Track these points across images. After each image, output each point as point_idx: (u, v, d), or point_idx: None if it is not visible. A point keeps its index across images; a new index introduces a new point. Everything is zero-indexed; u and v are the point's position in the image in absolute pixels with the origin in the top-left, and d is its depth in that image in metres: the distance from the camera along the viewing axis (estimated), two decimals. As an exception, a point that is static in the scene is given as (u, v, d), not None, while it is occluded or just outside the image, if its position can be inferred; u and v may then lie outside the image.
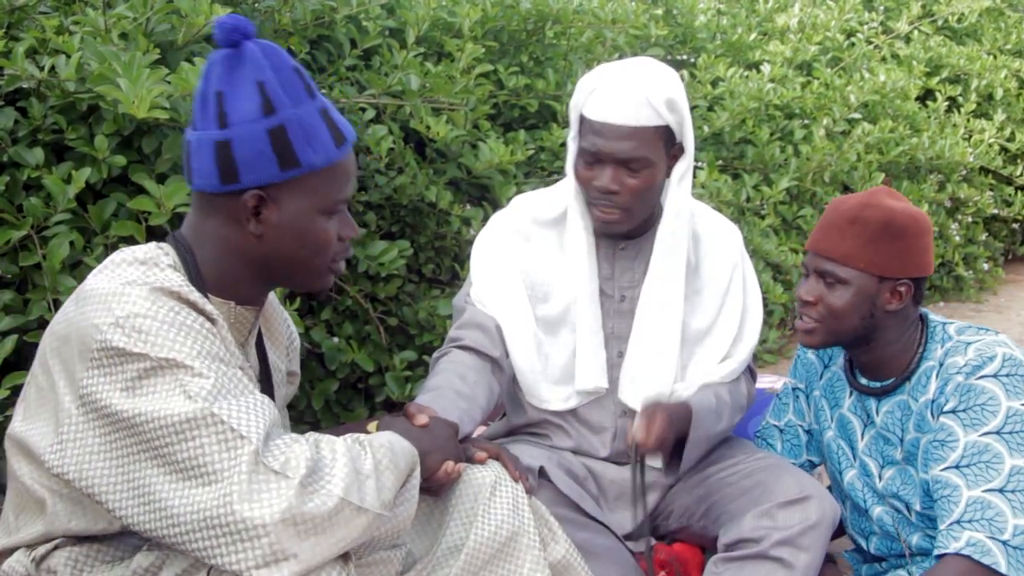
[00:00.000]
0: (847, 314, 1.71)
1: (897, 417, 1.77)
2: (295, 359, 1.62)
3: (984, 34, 6.09)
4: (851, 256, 1.68)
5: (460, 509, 1.47)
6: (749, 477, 1.80)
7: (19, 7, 2.23)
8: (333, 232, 1.34)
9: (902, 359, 1.76)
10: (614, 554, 1.73)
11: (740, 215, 3.82)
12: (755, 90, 3.87)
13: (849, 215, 1.69)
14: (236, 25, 1.25)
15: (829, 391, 1.91)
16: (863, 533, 1.88)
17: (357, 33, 2.81)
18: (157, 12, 2.17)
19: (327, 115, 1.31)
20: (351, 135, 1.34)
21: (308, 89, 1.30)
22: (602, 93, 1.74)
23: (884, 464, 1.79)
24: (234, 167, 1.25)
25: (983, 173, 5.59)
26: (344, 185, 1.33)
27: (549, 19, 3.33)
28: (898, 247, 1.68)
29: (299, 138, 1.26)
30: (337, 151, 1.30)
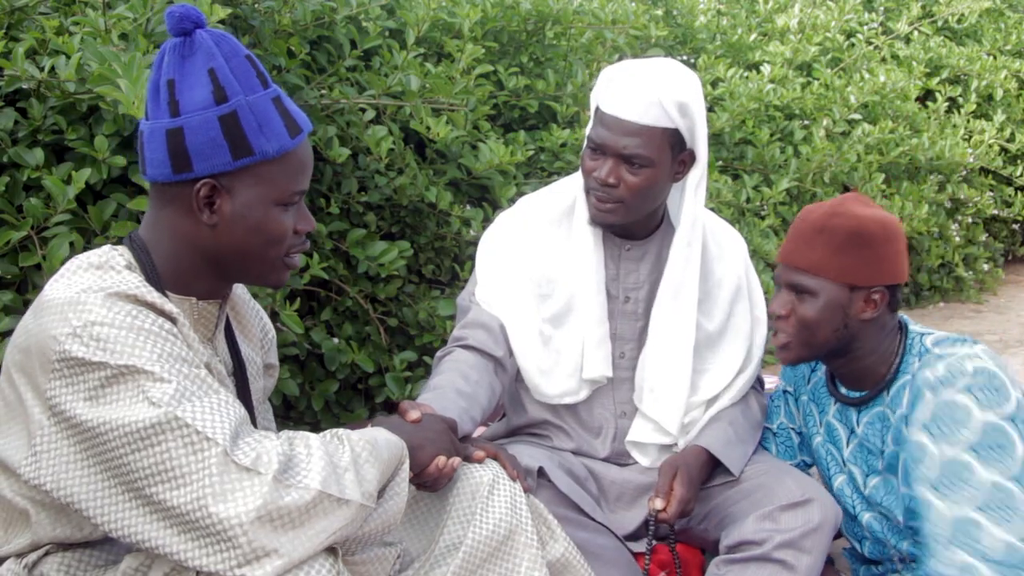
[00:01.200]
0: (820, 326, 1.67)
1: (877, 428, 1.74)
2: (272, 352, 1.61)
3: (984, 35, 6.09)
4: (820, 266, 1.65)
5: (458, 507, 1.47)
6: (751, 480, 1.80)
7: (19, 8, 2.23)
8: (288, 224, 1.32)
9: (880, 369, 1.73)
10: (614, 554, 1.73)
11: (740, 216, 3.82)
12: (755, 91, 3.87)
13: (816, 224, 1.66)
14: (186, 13, 1.24)
15: (816, 397, 1.89)
16: (856, 537, 1.88)
17: (357, 34, 2.81)
18: (157, 12, 2.17)
19: (280, 104, 1.30)
20: (306, 126, 1.33)
21: (261, 77, 1.29)
22: (617, 86, 1.75)
23: (868, 473, 1.78)
24: (186, 156, 1.24)
25: (983, 174, 5.60)
26: (299, 176, 1.32)
27: (549, 20, 3.33)
28: (868, 255, 1.65)
29: (251, 125, 1.26)
30: (291, 140, 1.29)
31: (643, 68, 1.77)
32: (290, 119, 1.30)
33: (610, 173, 1.75)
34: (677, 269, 1.86)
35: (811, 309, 1.67)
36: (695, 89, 1.77)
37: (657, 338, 1.86)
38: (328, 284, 2.78)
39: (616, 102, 1.73)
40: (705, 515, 1.84)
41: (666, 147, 1.75)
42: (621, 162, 1.74)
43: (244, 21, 2.50)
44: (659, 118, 1.72)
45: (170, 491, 1.13)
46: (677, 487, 1.73)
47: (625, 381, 1.89)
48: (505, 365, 1.83)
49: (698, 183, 1.84)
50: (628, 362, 1.89)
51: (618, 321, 1.89)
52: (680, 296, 1.86)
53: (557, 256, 1.88)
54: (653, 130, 1.72)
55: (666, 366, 1.85)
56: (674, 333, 1.85)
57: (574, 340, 1.85)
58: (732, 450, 1.82)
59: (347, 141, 2.72)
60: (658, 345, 1.86)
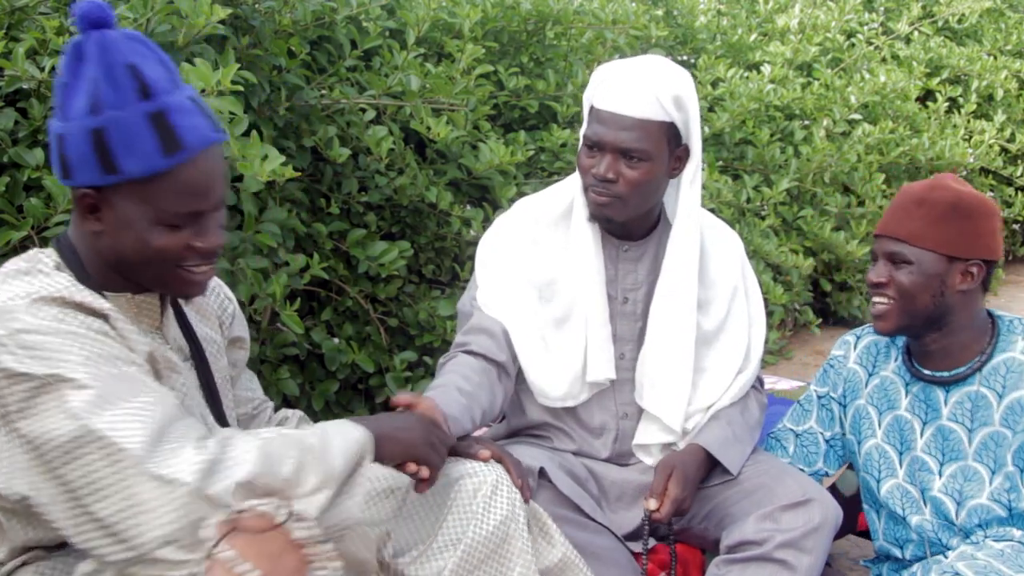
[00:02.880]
0: (918, 294, 1.71)
1: (967, 408, 1.75)
2: (237, 325, 1.58)
3: (984, 35, 6.09)
4: (919, 236, 1.69)
5: (459, 504, 1.47)
6: (751, 479, 1.80)
7: (19, 8, 2.23)
8: (175, 242, 1.26)
9: (974, 347, 1.76)
10: (614, 554, 1.73)
11: (740, 216, 3.82)
12: (755, 91, 3.87)
13: (916, 196, 1.71)
14: (85, 13, 1.19)
15: (880, 396, 1.88)
16: (898, 542, 1.87)
17: (357, 34, 2.81)
18: (157, 13, 2.17)
19: (161, 120, 1.20)
20: (196, 143, 1.23)
21: (143, 90, 1.20)
22: (611, 83, 1.76)
23: (945, 460, 1.78)
24: (68, 164, 1.22)
25: (983, 174, 5.60)
26: (184, 198, 1.24)
27: (549, 20, 3.33)
28: (966, 227, 1.69)
29: (118, 143, 1.19)
30: (163, 160, 1.21)
31: (637, 65, 1.78)
32: (171, 137, 1.21)
33: (609, 168, 1.75)
34: (675, 262, 1.86)
35: (909, 277, 1.71)
36: (689, 84, 1.79)
37: (656, 333, 1.86)
38: (328, 284, 2.78)
39: (612, 98, 1.74)
40: (705, 515, 1.84)
41: (663, 141, 1.76)
42: (619, 157, 1.75)
43: (244, 21, 2.50)
44: (656, 112, 1.73)
45: (97, 503, 1.12)
46: (672, 487, 1.73)
47: (626, 382, 1.89)
48: (508, 370, 1.83)
49: (693, 178, 1.85)
50: (628, 363, 1.89)
51: (617, 322, 1.89)
52: (678, 289, 1.86)
53: (557, 259, 1.88)
54: (650, 123, 1.73)
55: (666, 360, 1.85)
56: (673, 327, 1.86)
57: (576, 343, 1.85)
58: (730, 449, 1.82)
59: (347, 141, 2.72)
60: (657, 340, 1.86)
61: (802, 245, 4.08)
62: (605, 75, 1.78)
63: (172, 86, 1.23)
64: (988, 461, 1.74)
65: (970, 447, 1.75)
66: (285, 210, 2.49)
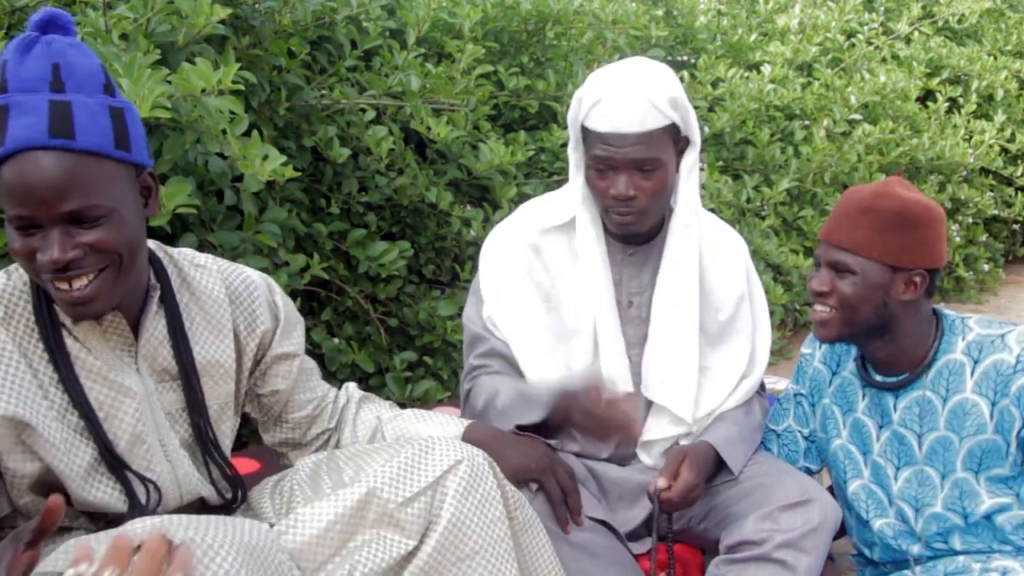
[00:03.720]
0: (861, 304, 1.69)
1: (915, 413, 1.75)
2: (281, 342, 1.55)
3: (984, 35, 6.09)
4: (863, 245, 1.67)
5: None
6: (751, 480, 1.80)
7: (19, 7, 2.23)
8: (21, 246, 1.22)
9: (917, 352, 1.75)
10: (615, 554, 1.73)
11: (740, 216, 3.82)
12: (755, 91, 3.87)
13: (862, 204, 1.68)
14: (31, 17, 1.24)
15: (841, 397, 1.89)
16: (866, 543, 1.88)
17: (357, 34, 2.81)
18: (158, 13, 2.17)
19: (1, 114, 1.19)
20: (12, 142, 1.18)
21: (2, 83, 1.20)
22: (606, 104, 1.73)
23: (900, 465, 1.78)
24: None
25: (983, 174, 5.60)
26: (6, 199, 1.20)
27: (549, 20, 3.33)
28: (911, 237, 1.66)
29: None
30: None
31: (623, 78, 1.75)
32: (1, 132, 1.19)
33: (628, 185, 1.74)
34: (675, 247, 1.86)
35: (852, 287, 1.69)
36: (674, 79, 1.79)
37: (660, 323, 1.86)
38: (328, 284, 2.78)
39: (612, 118, 1.72)
40: (705, 515, 1.84)
41: (668, 142, 1.77)
42: (634, 171, 1.74)
43: (244, 21, 2.50)
44: (657, 119, 1.73)
45: None
46: (685, 471, 1.72)
47: (636, 385, 1.89)
48: None
49: (691, 167, 1.84)
50: (635, 366, 1.90)
51: (624, 326, 1.89)
52: (680, 276, 1.86)
53: (563, 270, 1.88)
54: (655, 132, 1.73)
55: (672, 350, 1.85)
56: (675, 319, 1.86)
57: (584, 355, 1.86)
58: (735, 448, 1.82)
59: (347, 141, 2.72)
60: (661, 330, 1.86)
61: (802, 245, 4.08)
62: (595, 95, 1.75)
63: (41, 85, 1.20)
64: (938, 465, 1.73)
65: (920, 452, 1.75)
66: (285, 210, 2.49)
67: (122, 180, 1.26)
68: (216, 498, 1.50)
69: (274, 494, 1.50)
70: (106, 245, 1.23)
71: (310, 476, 1.48)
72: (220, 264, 1.52)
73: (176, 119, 2.05)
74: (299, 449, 1.66)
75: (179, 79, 1.99)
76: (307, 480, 1.47)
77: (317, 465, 1.50)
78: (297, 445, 1.65)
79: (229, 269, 1.53)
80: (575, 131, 1.82)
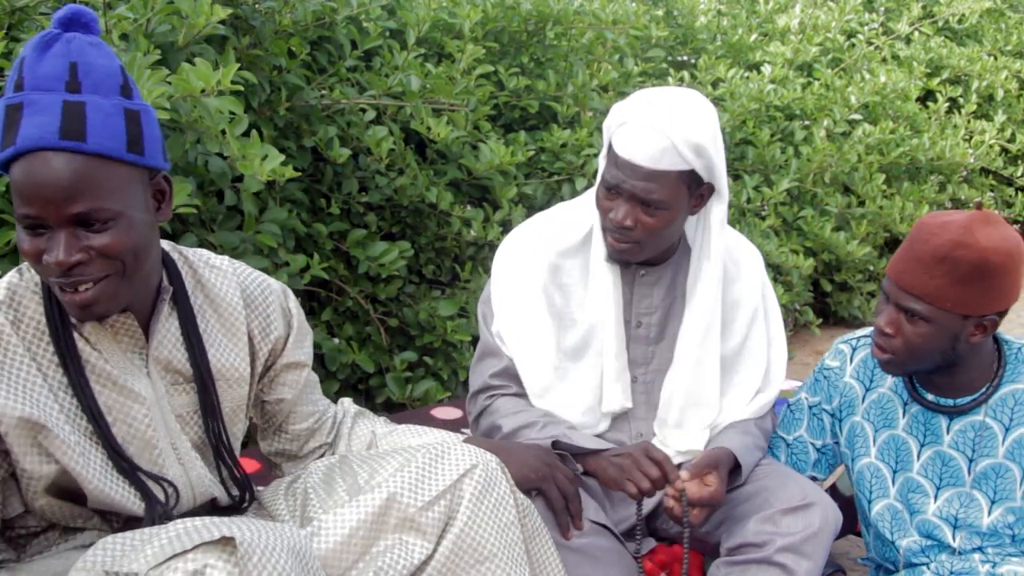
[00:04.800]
0: (928, 350, 1.63)
1: (970, 437, 1.71)
2: (292, 351, 1.55)
3: (985, 35, 6.09)
4: (937, 296, 1.58)
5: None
6: (753, 483, 1.80)
7: (19, 8, 2.23)
8: (30, 247, 1.21)
9: (979, 380, 1.70)
10: (615, 556, 1.73)
11: (741, 216, 3.82)
12: (756, 91, 3.87)
13: (938, 253, 1.57)
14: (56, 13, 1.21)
15: (876, 413, 1.83)
16: (887, 560, 1.85)
17: (358, 34, 2.81)
18: (158, 13, 2.17)
19: (15, 112, 1.18)
20: (24, 141, 1.17)
21: (16, 80, 1.19)
22: (630, 128, 1.69)
23: (942, 486, 1.74)
24: None
25: (984, 174, 5.60)
26: (16, 198, 1.19)
27: (550, 20, 3.33)
28: (989, 286, 1.58)
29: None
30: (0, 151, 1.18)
31: (657, 107, 1.69)
32: (11, 131, 1.18)
33: (627, 216, 1.72)
34: (707, 307, 1.84)
35: (921, 334, 1.62)
36: (710, 127, 1.70)
37: (683, 374, 1.85)
38: (328, 284, 2.78)
39: (630, 147, 1.68)
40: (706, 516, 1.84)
41: (682, 188, 1.72)
42: (637, 204, 1.71)
43: (244, 21, 2.50)
44: (674, 162, 1.67)
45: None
46: (715, 482, 1.69)
47: (640, 405, 1.89)
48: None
49: (722, 220, 1.81)
50: (641, 386, 1.90)
51: (630, 346, 1.88)
52: (709, 334, 1.85)
53: (575, 288, 1.87)
54: (668, 174, 1.68)
55: (691, 393, 1.85)
56: (702, 370, 1.85)
57: (591, 373, 1.86)
58: (750, 455, 1.82)
59: (348, 141, 2.72)
60: (684, 381, 1.85)
61: (802, 245, 4.08)
62: (625, 115, 1.71)
63: (57, 84, 1.19)
64: (988, 490, 1.70)
65: (969, 475, 1.72)
66: (285, 210, 2.49)
67: (133, 183, 1.24)
68: (227, 499, 1.50)
69: (287, 496, 1.50)
70: (111, 250, 1.22)
71: (324, 479, 1.48)
72: (236, 267, 1.50)
73: (176, 119, 2.05)
74: (294, 461, 1.65)
75: (179, 79, 1.99)
76: (321, 483, 1.47)
77: (330, 469, 1.50)
78: (293, 457, 1.65)
79: (245, 272, 1.51)
80: (605, 145, 1.79)
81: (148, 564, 1.11)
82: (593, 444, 1.76)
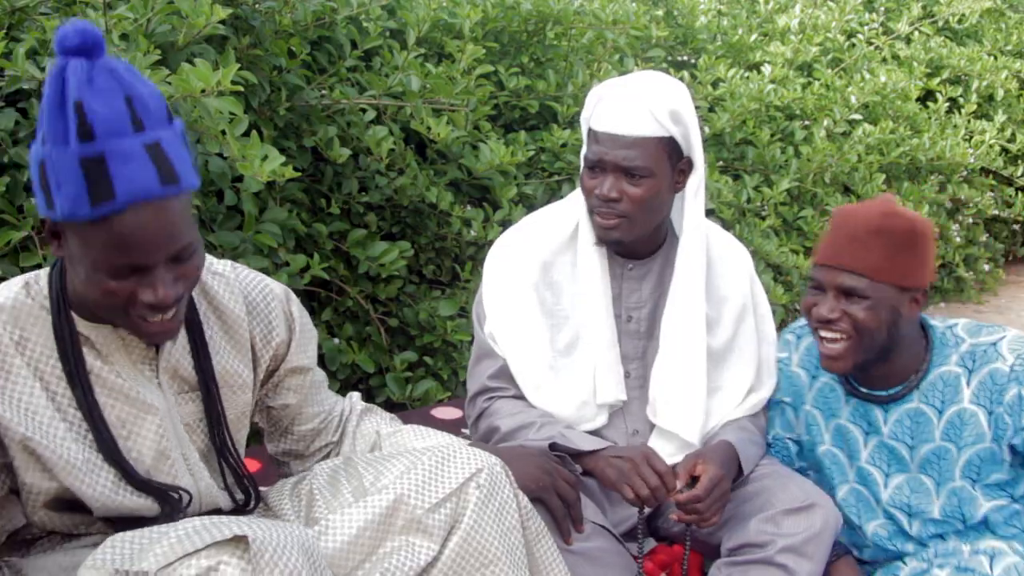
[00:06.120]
0: (876, 329, 1.63)
1: (907, 426, 1.75)
2: (296, 355, 1.54)
3: (985, 35, 6.08)
4: (876, 269, 1.61)
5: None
6: (754, 483, 1.80)
7: (20, 8, 2.23)
8: (120, 289, 1.19)
9: (910, 366, 1.73)
10: (613, 557, 1.73)
11: (741, 216, 3.82)
12: (756, 91, 3.87)
13: (872, 226, 1.61)
14: (60, 39, 1.11)
15: (822, 402, 1.86)
16: (856, 545, 1.88)
17: (358, 34, 2.81)
18: (158, 13, 2.17)
19: (96, 165, 1.11)
20: (127, 195, 1.13)
21: (84, 130, 1.11)
22: (606, 104, 1.75)
23: (890, 473, 1.78)
24: (32, 185, 1.18)
25: (984, 174, 5.59)
26: (113, 251, 1.16)
27: (550, 20, 3.33)
28: (919, 254, 1.63)
29: (53, 180, 1.13)
30: (89, 208, 1.12)
31: (631, 82, 1.77)
32: (102, 185, 1.11)
33: (612, 187, 1.74)
34: (682, 276, 1.85)
35: (865, 312, 1.63)
36: (684, 97, 1.78)
37: (668, 350, 1.86)
38: (328, 284, 2.78)
39: (609, 118, 1.74)
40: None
41: (663, 156, 1.75)
42: (622, 175, 1.74)
43: (244, 21, 2.50)
44: (654, 128, 1.72)
45: None
46: (708, 467, 1.69)
47: (633, 400, 1.89)
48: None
49: (696, 190, 1.84)
50: (635, 381, 1.90)
51: (622, 341, 1.88)
52: (687, 303, 1.85)
53: (564, 285, 1.88)
54: (649, 140, 1.73)
55: (679, 376, 1.85)
56: (684, 342, 1.85)
57: (584, 368, 1.86)
58: (747, 449, 1.82)
59: (348, 141, 2.72)
60: (669, 356, 1.85)
61: (802, 245, 4.08)
62: (600, 96, 1.77)
63: (128, 127, 1.13)
64: (933, 474, 1.73)
65: (914, 462, 1.75)
66: (285, 210, 2.49)
67: (191, 206, 1.24)
68: (230, 504, 1.49)
69: (293, 496, 1.50)
70: (195, 274, 1.24)
71: (329, 481, 1.48)
72: (239, 272, 1.49)
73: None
74: (301, 460, 1.65)
75: (179, 80, 1.99)
76: (326, 485, 1.47)
77: (335, 471, 1.50)
78: (299, 456, 1.65)
79: (248, 278, 1.49)
80: (585, 133, 1.82)
81: (159, 563, 1.11)
82: (591, 443, 1.76)
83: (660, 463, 1.69)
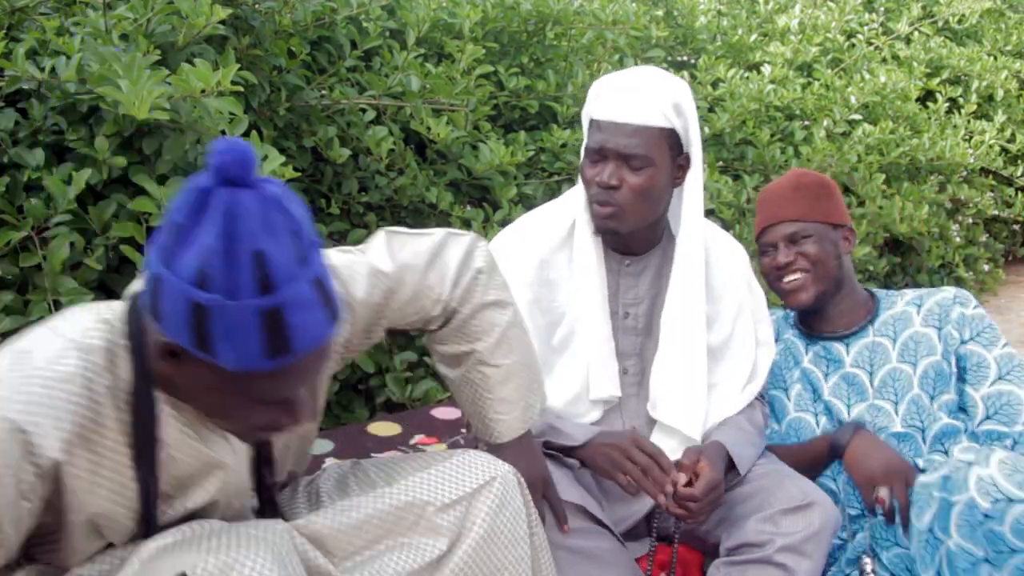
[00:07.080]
0: (826, 258, 1.99)
1: (866, 355, 2.01)
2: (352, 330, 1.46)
3: (984, 35, 6.09)
4: (808, 212, 1.99)
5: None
6: (752, 482, 1.80)
7: (20, 8, 2.23)
8: (260, 415, 1.14)
9: (862, 311, 2.06)
10: (613, 556, 1.73)
11: (741, 216, 3.82)
12: (756, 91, 3.87)
13: (790, 185, 2.03)
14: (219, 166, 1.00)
15: (786, 356, 2.11)
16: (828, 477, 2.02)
17: (357, 34, 2.81)
18: (158, 13, 2.17)
19: (275, 318, 1.02)
20: (305, 346, 1.05)
21: (264, 282, 1.01)
22: (609, 94, 1.76)
23: (851, 403, 1.99)
24: (159, 309, 1.04)
25: (983, 174, 5.59)
26: (276, 389, 1.10)
27: (550, 20, 3.34)
28: (835, 200, 2.03)
29: (219, 331, 1.01)
30: (266, 361, 1.04)
31: (633, 75, 1.79)
32: (281, 338, 1.03)
33: (612, 175, 1.75)
34: (681, 271, 1.85)
35: (814, 246, 1.99)
36: (686, 92, 1.80)
37: (667, 346, 1.86)
38: (328, 284, 2.78)
39: (612, 107, 1.75)
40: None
41: (664, 147, 1.76)
42: (622, 163, 1.75)
43: (244, 21, 2.50)
44: (655, 118, 1.74)
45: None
46: (706, 469, 1.70)
47: (631, 397, 1.89)
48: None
49: (693, 185, 1.85)
50: (632, 378, 1.89)
51: (619, 337, 1.88)
52: (686, 298, 1.85)
53: (561, 282, 1.88)
54: (651, 130, 1.74)
55: (680, 372, 1.85)
56: (685, 338, 1.85)
57: (578, 363, 1.85)
58: (743, 450, 1.82)
59: (347, 141, 2.72)
60: (669, 353, 1.85)
61: (802, 245, 4.07)
62: (602, 88, 1.79)
63: (298, 267, 1.03)
64: (889, 395, 1.95)
65: (872, 388, 1.97)
66: (285, 210, 2.48)
67: None
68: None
69: (303, 496, 1.51)
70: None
71: (337, 485, 1.49)
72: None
73: (176, 120, 2.06)
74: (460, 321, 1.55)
75: (179, 80, 1.99)
76: (334, 489, 1.48)
77: (344, 476, 1.50)
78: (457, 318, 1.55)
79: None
80: (586, 127, 1.83)
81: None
82: (581, 433, 1.77)
83: (649, 445, 1.72)
